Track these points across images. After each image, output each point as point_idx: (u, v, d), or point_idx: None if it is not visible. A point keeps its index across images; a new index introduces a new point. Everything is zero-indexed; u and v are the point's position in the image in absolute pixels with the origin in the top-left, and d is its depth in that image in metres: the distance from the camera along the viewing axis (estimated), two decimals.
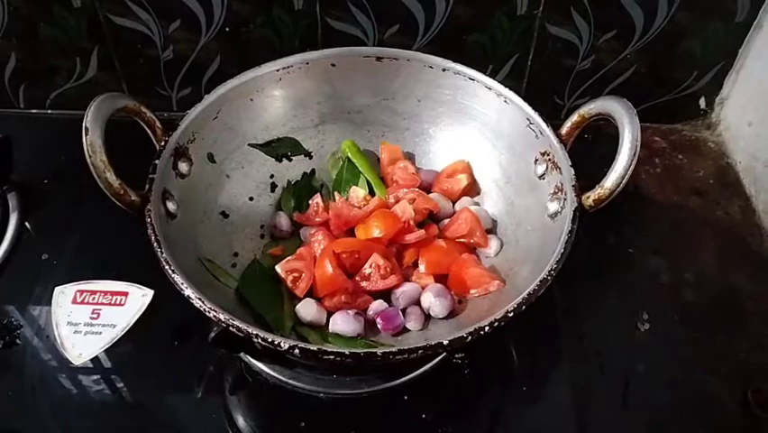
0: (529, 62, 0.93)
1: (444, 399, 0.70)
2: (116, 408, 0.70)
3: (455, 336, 0.54)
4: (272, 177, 0.82)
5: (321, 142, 0.85)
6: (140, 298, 0.73)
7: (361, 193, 0.80)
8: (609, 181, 0.64)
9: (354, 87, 0.82)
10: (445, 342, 0.53)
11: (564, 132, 0.71)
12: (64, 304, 0.73)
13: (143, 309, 0.73)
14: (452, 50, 0.85)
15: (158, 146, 0.70)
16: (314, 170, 0.84)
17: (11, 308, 0.76)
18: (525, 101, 0.75)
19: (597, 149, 0.72)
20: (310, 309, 0.70)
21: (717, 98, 0.98)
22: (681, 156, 0.96)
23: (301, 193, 0.82)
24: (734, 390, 0.71)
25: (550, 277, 0.58)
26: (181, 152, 0.71)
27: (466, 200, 0.80)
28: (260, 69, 0.78)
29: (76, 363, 0.70)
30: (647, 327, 0.76)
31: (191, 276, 0.60)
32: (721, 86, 0.96)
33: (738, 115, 0.95)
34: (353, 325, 0.68)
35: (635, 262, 0.83)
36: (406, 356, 0.53)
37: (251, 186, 0.80)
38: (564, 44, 0.91)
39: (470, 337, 0.54)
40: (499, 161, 0.79)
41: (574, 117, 0.70)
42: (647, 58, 0.92)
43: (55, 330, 0.71)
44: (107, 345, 0.70)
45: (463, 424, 0.69)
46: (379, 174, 0.83)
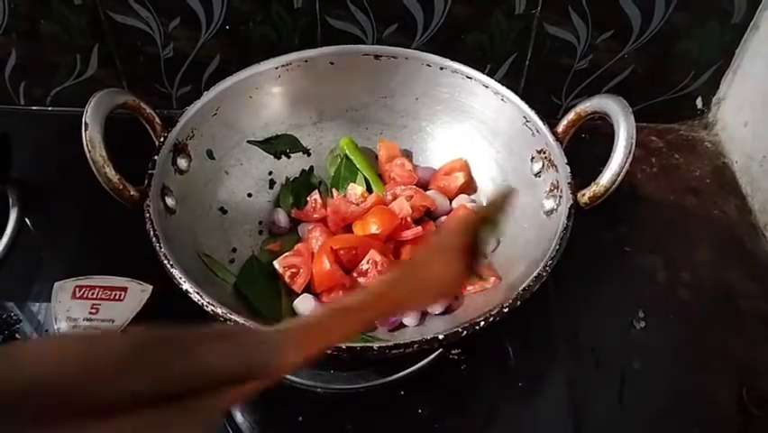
0: (527, 62, 0.93)
1: (441, 394, 0.70)
2: None
3: (450, 330, 0.54)
4: (271, 174, 0.83)
5: (319, 140, 0.85)
6: (139, 293, 0.73)
7: (359, 190, 0.80)
8: (605, 179, 0.64)
9: (353, 85, 0.82)
10: (440, 336, 0.54)
11: (560, 130, 0.72)
12: (63, 299, 0.73)
13: (142, 305, 0.73)
14: (451, 49, 0.85)
15: (157, 142, 0.70)
16: (312, 168, 0.85)
17: (10, 304, 0.77)
18: (522, 100, 0.75)
19: (594, 148, 0.73)
20: (308, 305, 0.70)
21: (714, 98, 0.98)
22: (677, 156, 0.97)
23: (299, 190, 0.82)
24: (729, 387, 0.71)
25: (545, 273, 0.59)
26: (180, 149, 0.71)
27: (463, 198, 0.81)
28: (260, 66, 0.78)
29: None
30: (643, 324, 0.76)
31: (189, 271, 0.60)
32: (718, 86, 0.97)
33: (735, 115, 0.95)
34: None
35: (631, 261, 0.83)
36: (402, 351, 0.53)
37: (249, 182, 0.81)
38: (562, 44, 0.91)
39: (464, 332, 0.54)
40: (496, 158, 0.79)
41: (570, 115, 0.71)
42: (644, 58, 0.92)
43: (54, 325, 0.71)
44: None
45: (459, 419, 0.69)
46: (377, 171, 0.84)
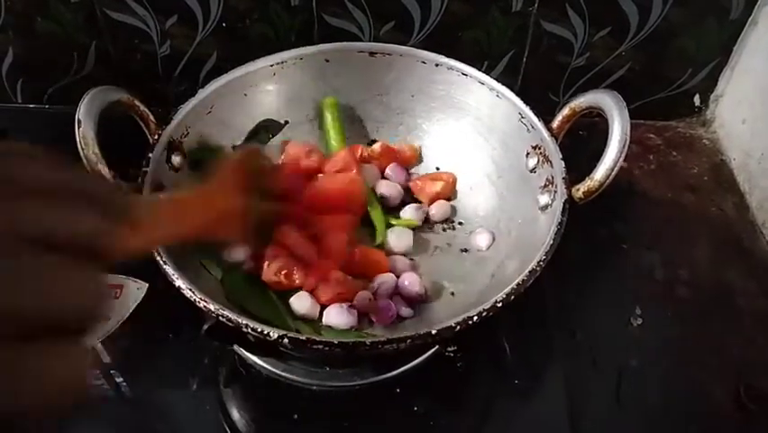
0: (524, 59, 0.93)
1: (437, 391, 0.70)
2: (111, 400, 0.70)
3: (443, 325, 0.54)
4: None
5: (314, 137, 0.85)
6: (135, 291, 0.73)
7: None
8: (599, 173, 0.64)
9: (348, 82, 0.82)
10: (433, 331, 0.53)
11: (555, 125, 0.72)
12: None
13: (138, 302, 0.73)
14: (448, 46, 0.85)
15: (151, 140, 0.70)
16: None
17: None
18: (519, 97, 0.75)
19: (591, 145, 0.72)
20: (304, 303, 0.70)
21: (712, 95, 0.98)
22: (675, 153, 0.97)
23: None
24: (726, 385, 0.71)
25: (539, 268, 0.59)
26: (175, 146, 0.71)
27: (442, 202, 0.81)
28: (254, 63, 0.78)
29: None
30: (640, 322, 0.76)
31: (184, 269, 0.60)
32: (716, 83, 0.96)
33: (733, 113, 0.95)
34: (347, 318, 0.69)
35: (628, 258, 0.83)
36: (394, 345, 0.53)
37: None
38: (559, 41, 0.91)
39: (458, 327, 0.54)
40: (492, 155, 0.79)
41: (565, 111, 0.71)
42: (642, 55, 0.92)
43: None
44: (102, 338, 0.70)
45: (455, 417, 0.69)
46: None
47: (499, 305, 0.56)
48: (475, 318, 0.54)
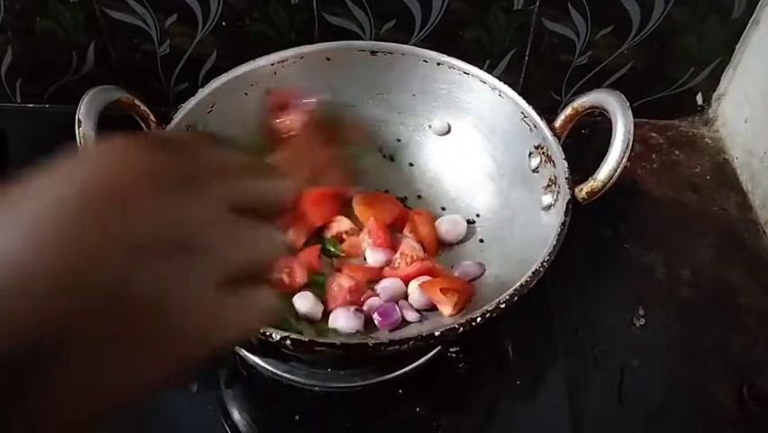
0: (526, 58, 0.93)
1: (439, 392, 0.70)
2: None
3: (447, 326, 0.54)
4: None
5: None
6: None
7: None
8: (602, 173, 0.64)
9: (349, 81, 0.82)
10: (437, 333, 0.53)
11: (558, 125, 0.71)
12: None
13: None
14: (449, 45, 0.85)
15: None
16: None
17: None
18: (522, 96, 0.75)
19: (593, 144, 0.72)
20: (306, 302, 0.70)
21: (714, 94, 0.97)
22: (677, 152, 0.96)
23: None
24: (728, 385, 0.71)
25: (542, 268, 0.58)
26: None
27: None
28: (255, 62, 0.78)
29: None
30: (643, 322, 0.76)
31: None
32: (718, 82, 0.96)
33: (735, 112, 0.95)
34: (354, 321, 0.68)
35: (631, 258, 0.83)
36: (398, 347, 0.53)
37: None
38: (561, 40, 0.91)
39: (461, 328, 0.54)
40: (494, 154, 0.79)
41: (568, 110, 0.70)
42: (644, 54, 0.92)
43: None
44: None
45: (458, 418, 0.69)
46: None
47: (503, 306, 0.55)
48: (479, 319, 0.54)
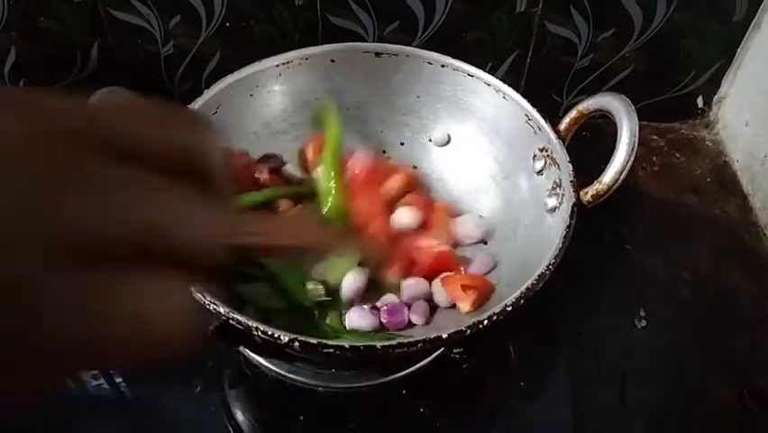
0: (528, 60, 0.93)
1: (443, 393, 0.70)
2: (115, 401, 0.70)
3: (454, 329, 0.54)
4: None
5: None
6: None
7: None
8: (607, 177, 0.64)
9: (353, 82, 0.82)
10: (444, 335, 0.53)
11: (563, 128, 0.72)
12: None
13: None
14: (452, 46, 0.85)
15: None
16: None
17: None
18: (523, 98, 0.75)
19: (595, 147, 0.73)
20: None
21: (715, 97, 0.98)
22: (678, 155, 0.97)
23: None
24: (730, 387, 0.71)
25: (548, 271, 0.59)
26: None
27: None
28: (260, 64, 0.78)
29: None
30: (644, 323, 0.76)
31: None
32: (719, 85, 0.97)
33: (736, 114, 0.95)
34: (370, 319, 0.68)
35: (632, 260, 0.83)
36: (405, 349, 0.53)
37: None
38: (563, 42, 0.91)
39: (468, 331, 0.54)
40: (497, 157, 0.79)
41: (572, 113, 0.71)
42: (646, 56, 0.92)
43: None
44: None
45: (461, 419, 0.69)
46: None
47: (509, 308, 0.56)
48: (485, 322, 0.54)
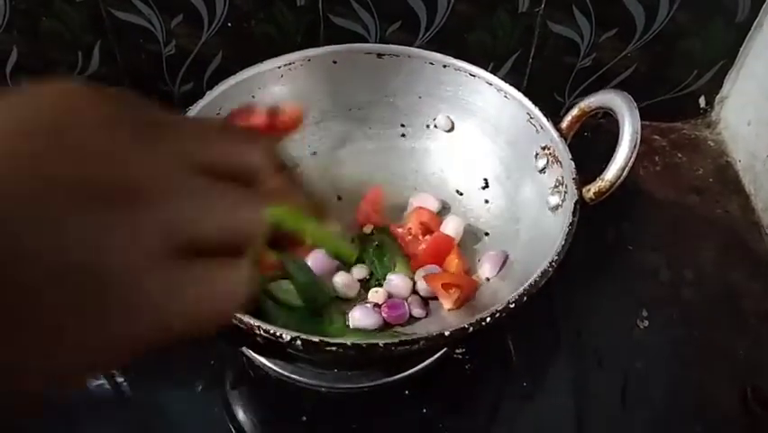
0: (530, 60, 0.93)
1: (445, 394, 0.70)
2: (117, 401, 0.70)
3: (456, 327, 0.54)
4: None
5: (322, 139, 0.85)
6: None
7: None
8: (610, 174, 0.64)
9: (355, 83, 0.82)
10: (446, 333, 0.53)
11: (565, 126, 0.72)
12: None
13: None
14: (454, 47, 0.85)
15: None
16: None
17: None
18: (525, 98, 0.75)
19: (597, 146, 0.73)
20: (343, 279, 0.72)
21: (718, 97, 0.98)
22: (680, 154, 0.97)
23: None
24: (732, 386, 0.71)
25: (551, 268, 0.59)
26: None
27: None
28: (262, 65, 0.78)
29: None
30: (646, 323, 0.76)
31: None
32: (721, 85, 0.96)
33: (738, 115, 0.95)
34: (373, 317, 0.69)
35: (634, 260, 0.83)
36: (408, 347, 0.53)
37: None
38: (566, 42, 0.91)
39: (471, 328, 0.54)
40: (500, 156, 0.79)
41: (574, 111, 0.71)
42: (648, 56, 0.92)
43: None
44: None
45: (463, 419, 0.69)
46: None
47: (512, 306, 0.56)
48: (488, 319, 0.54)
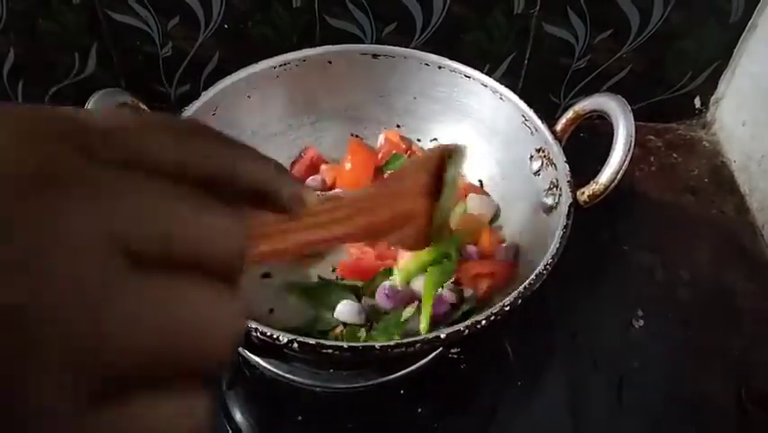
0: (526, 61, 0.93)
1: (440, 393, 0.70)
2: None
3: (452, 329, 0.54)
4: None
5: (318, 139, 0.85)
6: None
7: None
8: (604, 177, 0.65)
9: (351, 84, 0.82)
10: (442, 335, 0.54)
11: (559, 128, 0.72)
12: None
13: None
14: (450, 48, 0.85)
15: None
16: None
17: None
18: (521, 99, 0.75)
19: (592, 148, 0.73)
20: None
21: (712, 98, 0.98)
22: (675, 155, 0.97)
23: None
24: (727, 386, 0.71)
25: (546, 271, 0.59)
26: None
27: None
28: (258, 65, 0.78)
29: None
30: (642, 323, 0.76)
31: None
32: (716, 85, 0.97)
33: (733, 115, 0.96)
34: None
35: (629, 260, 0.83)
36: (404, 349, 0.53)
37: None
38: (561, 43, 0.91)
39: (467, 331, 0.54)
40: (495, 157, 0.79)
41: (569, 114, 0.71)
42: (643, 57, 0.92)
43: None
44: None
45: (459, 419, 0.69)
46: None
47: (507, 308, 0.56)
48: (483, 322, 0.55)
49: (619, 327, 0.76)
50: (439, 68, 0.80)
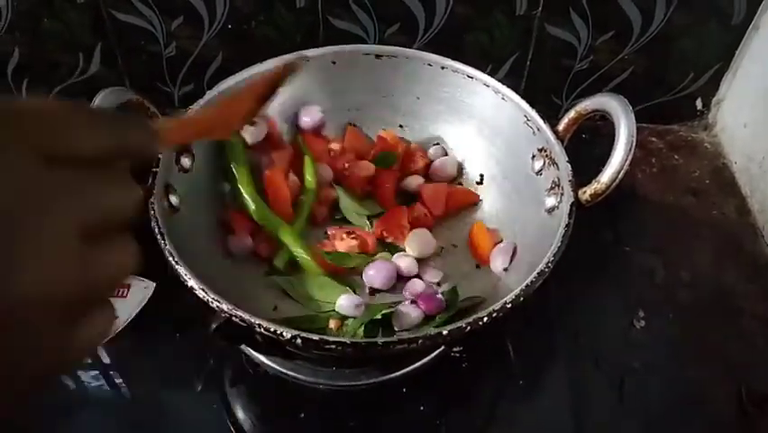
0: (528, 62, 0.94)
1: (442, 391, 0.70)
2: (116, 399, 0.70)
3: (454, 326, 0.54)
4: None
5: None
6: (142, 290, 0.74)
7: None
8: (605, 176, 0.65)
9: (354, 84, 0.83)
10: (444, 332, 0.54)
11: (561, 128, 0.72)
12: None
13: (145, 302, 0.73)
14: (452, 48, 0.86)
15: None
16: None
17: None
18: (523, 99, 0.76)
19: (594, 148, 0.73)
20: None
21: (714, 99, 0.98)
22: (677, 156, 0.97)
23: None
24: (728, 388, 0.71)
25: (547, 269, 0.59)
26: (183, 148, 0.72)
27: None
28: (261, 66, 0.78)
29: None
30: (643, 324, 0.77)
31: (193, 268, 0.60)
32: (718, 87, 0.97)
33: (734, 117, 0.96)
34: (416, 312, 0.69)
35: (631, 261, 0.84)
36: (406, 346, 0.54)
37: None
38: (563, 44, 0.92)
39: (468, 327, 0.54)
40: (497, 157, 0.80)
41: (571, 114, 0.71)
42: (644, 59, 0.93)
43: None
44: (109, 336, 0.70)
45: (461, 417, 0.69)
46: None
47: (509, 306, 0.56)
48: (485, 319, 0.55)
49: (620, 327, 0.77)
50: (442, 68, 0.80)
